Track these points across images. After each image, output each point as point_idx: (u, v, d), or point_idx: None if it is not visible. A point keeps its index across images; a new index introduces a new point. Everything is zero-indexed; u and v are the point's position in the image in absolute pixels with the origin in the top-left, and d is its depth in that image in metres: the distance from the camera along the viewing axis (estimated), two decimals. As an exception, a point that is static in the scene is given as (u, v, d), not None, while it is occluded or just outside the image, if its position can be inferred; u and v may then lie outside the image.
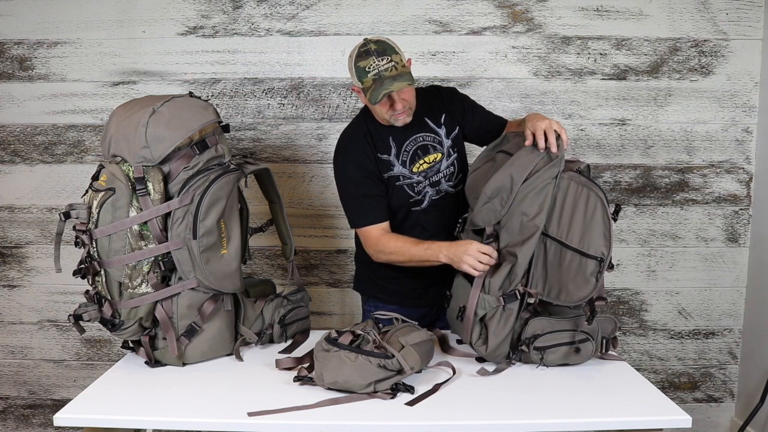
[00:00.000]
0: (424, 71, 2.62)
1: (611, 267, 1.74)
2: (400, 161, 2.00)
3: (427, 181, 2.02)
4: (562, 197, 1.74)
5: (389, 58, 1.82)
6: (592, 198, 1.71)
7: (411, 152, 2.00)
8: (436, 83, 2.61)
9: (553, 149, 1.74)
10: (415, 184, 2.01)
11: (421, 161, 2.01)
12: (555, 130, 1.75)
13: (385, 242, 1.95)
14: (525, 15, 2.61)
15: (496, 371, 1.73)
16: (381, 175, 1.99)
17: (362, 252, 2.11)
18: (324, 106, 2.66)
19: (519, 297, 1.75)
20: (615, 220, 1.74)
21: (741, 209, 2.73)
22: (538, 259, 1.76)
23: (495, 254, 1.76)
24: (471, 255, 1.76)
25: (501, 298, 1.74)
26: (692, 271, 2.77)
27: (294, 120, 2.67)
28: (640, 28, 2.62)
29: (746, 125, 2.68)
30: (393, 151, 1.99)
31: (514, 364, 1.77)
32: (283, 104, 2.67)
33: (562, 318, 1.76)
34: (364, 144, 1.98)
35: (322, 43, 2.62)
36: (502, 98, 2.65)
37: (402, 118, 1.92)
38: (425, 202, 2.04)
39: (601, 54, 2.63)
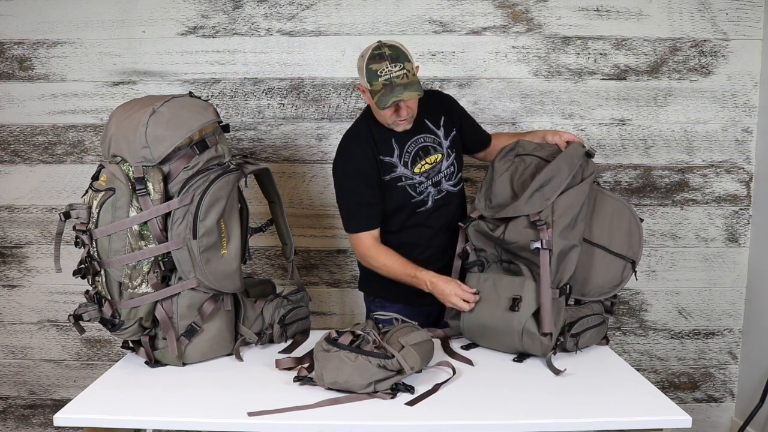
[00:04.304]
0: (424, 71, 2.62)
1: (634, 271, 1.95)
2: (402, 162, 2.03)
3: (429, 182, 2.06)
4: (592, 205, 1.94)
5: (402, 66, 1.85)
6: (624, 210, 1.95)
7: (413, 153, 2.04)
8: (436, 83, 2.62)
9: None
10: (417, 185, 2.04)
11: (423, 162, 2.04)
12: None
13: (375, 254, 2.02)
14: (525, 15, 2.61)
15: (556, 370, 1.74)
16: (381, 178, 2.01)
17: None
18: (324, 106, 2.66)
19: (569, 291, 1.86)
20: None
21: (741, 209, 2.73)
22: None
23: (476, 298, 1.90)
24: (457, 295, 1.90)
25: (557, 290, 1.82)
26: (692, 271, 2.77)
27: (294, 120, 2.67)
28: (640, 28, 2.62)
29: (746, 125, 2.68)
30: (396, 152, 2.02)
31: (555, 354, 1.83)
32: (283, 104, 2.67)
33: (577, 307, 1.92)
34: (365, 147, 2.01)
35: (322, 43, 2.62)
36: (502, 98, 2.65)
37: (403, 125, 1.98)
38: (429, 203, 2.07)
39: (601, 54, 2.63)
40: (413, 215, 2.07)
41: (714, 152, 2.69)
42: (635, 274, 1.97)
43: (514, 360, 1.84)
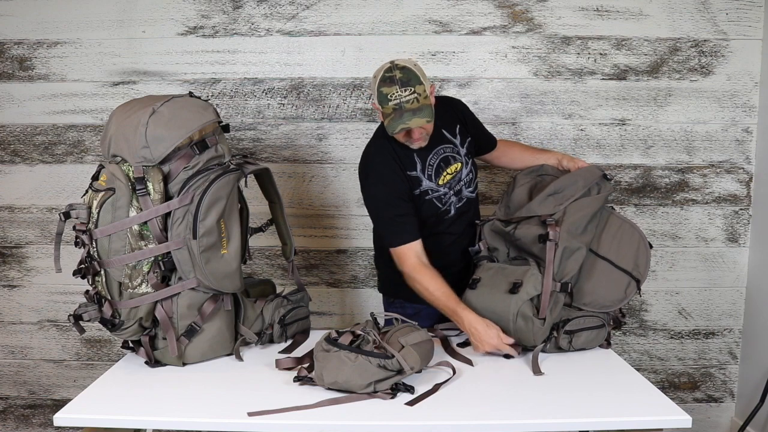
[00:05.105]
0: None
1: (639, 290, 1.96)
2: (426, 175, 2.03)
3: (451, 191, 2.07)
4: (603, 223, 1.98)
5: (412, 89, 1.84)
6: (635, 232, 1.98)
7: (435, 165, 2.04)
8: (436, 83, 2.62)
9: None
10: (442, 196, 2.06)
11: (444, 173, 2.05)
12: None
13: (419, 277, 1.96)
14: (525, 15, 2.61)
15: (538, 369, 1.75)
16: (411, 192, 2.01)
17: (383, 255, 2.12)
18: (324, 106, 2.66)
19: (570, 289, 1.86)
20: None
21: (741, 209, 2.73)
22: None
23: (511, 350, 1.84)
24: (493, 347, 1.82)
25: (558, 283, 1.84)
26: (692, 271, 2.77)
27: (294, 120, 2.67)
28: (640, 28, 2.62)
29: (746, 125, 2.68)
30: (418, 166, 2.02)
31: (546, 347, 1.86)
32: (283, 104, 2.67)
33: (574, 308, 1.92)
34: (391, 164, 1.99)
35: (322, 43, 2.63)
36: (502, 98, 2.65)
37: (418, 144, 1.97)
38: (452, 211, 2.08)
39: (601, 54, 2.63)
40: (438, 224, 2.08)
41: (714, 152, 2.69)
42: (639, 294, 1.97)
43: (504, 356, 1.85)
